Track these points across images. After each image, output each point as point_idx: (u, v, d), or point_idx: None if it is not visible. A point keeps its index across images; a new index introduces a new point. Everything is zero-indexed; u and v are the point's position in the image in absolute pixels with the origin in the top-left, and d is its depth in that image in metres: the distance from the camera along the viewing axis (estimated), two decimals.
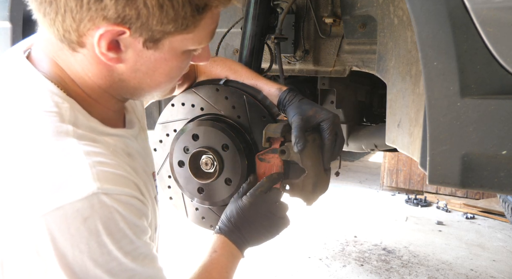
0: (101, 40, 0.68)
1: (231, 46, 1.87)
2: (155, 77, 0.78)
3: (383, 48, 1.39)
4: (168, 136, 1.33)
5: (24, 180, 0.63)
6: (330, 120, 1.08)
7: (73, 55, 0.73)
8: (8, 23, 1.77)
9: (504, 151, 0.84)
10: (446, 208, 4.42)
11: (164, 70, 0.77)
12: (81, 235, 0.62)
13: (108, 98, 0.80)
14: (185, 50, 0.77)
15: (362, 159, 6.76)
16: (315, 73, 1.74)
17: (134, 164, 0.80)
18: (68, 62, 0.74)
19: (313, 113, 1.10)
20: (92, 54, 0.72)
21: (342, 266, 3.15)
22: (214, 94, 1.25)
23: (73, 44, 0.71)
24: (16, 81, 0.74)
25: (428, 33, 0.86)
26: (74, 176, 0.63)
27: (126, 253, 0.67)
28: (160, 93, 0.85)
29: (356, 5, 1.52)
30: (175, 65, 0.78)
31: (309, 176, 1.11)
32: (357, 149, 2.06)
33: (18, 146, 0.66)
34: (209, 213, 1.33)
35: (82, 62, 0.74)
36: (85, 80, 0.76)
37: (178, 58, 0.77)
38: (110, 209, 0.64)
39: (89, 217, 0.62)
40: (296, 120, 1.08)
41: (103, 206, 0.63)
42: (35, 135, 0.66)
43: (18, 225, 0.62)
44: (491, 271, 3.10)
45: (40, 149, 0.65)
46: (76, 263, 0.62)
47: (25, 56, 0.78)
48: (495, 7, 0.81)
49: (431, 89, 0.88)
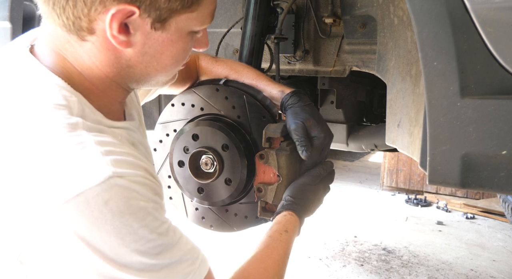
0: (113, 22, 0.70)
1: (231, 46, 1.86)
2: (162, 60, 0.80)
3: (383, 48, 1.39)
4: (168, 136, 1.33)
5: (41, 172, 0.64)
6: (320, 140, 1.12)
7: (81, 45, 0.75)
8: (8, 23, 1.77)
9: (504, 151, 0.84)
10: (446, 208, 4.42)
11: (171, 52, 0.79)
12: (105, 217, 0.63)
13: (115, 88, 0.82)
14: (190, 31, 0.80)
15: (362, 159, 6.76)
16: (315, 73, 1.74)
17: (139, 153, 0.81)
18: (75, 54, 0.76)
19: (310, 125, 1.12)
20: (101, 41, 0.73)
21: (342, 266, 3.15)
22: (214, 94, 1.25)
23: (82, 32, 0.72)
24: (21, 75, 0.75)
25: (428, 33, 0.86)
26: (89, 163, 0.65)
27: (151, 231, 0.68)
28: (164, 79, 0.87)
29: (356, 5, 1.52)
30: (181, 47, 0.80)
31: (283, 184, 1.13)
32: (357, 149, 2.06)
33: (31, 139, 0.66)
34: (209, 213, 1.33)
35: (90, 51, 0.75)
36: (93, 70, 0.77)
37: (183, 39, 0.80)
38: (128, 189, 0.66)
39: (110, 199, 0.63)
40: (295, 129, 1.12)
41: (120, 187, 0.65)
42: (47, 128, 0.67)
43: (39, 216, 0.63)
44: (491, 271, 3.10)
45: (53, 141, 0.66)
46: (105, 245, 0.64)
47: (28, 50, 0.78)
48: (495, 7, 0.81)
49: (431, 89, 0.88)
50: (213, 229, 1.34)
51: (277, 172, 1.13)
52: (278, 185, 1.14)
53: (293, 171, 1.16)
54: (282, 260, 0.95)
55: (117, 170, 0.65)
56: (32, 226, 0.63)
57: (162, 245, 0.69)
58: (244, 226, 1.29)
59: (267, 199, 1.15)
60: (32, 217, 0.63)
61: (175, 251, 0.72)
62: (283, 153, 1.11)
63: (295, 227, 1.03)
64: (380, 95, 2.14)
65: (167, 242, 0.71)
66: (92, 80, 0.78)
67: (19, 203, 0.64)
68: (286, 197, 1.09)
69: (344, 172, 5.95)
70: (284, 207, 1.07)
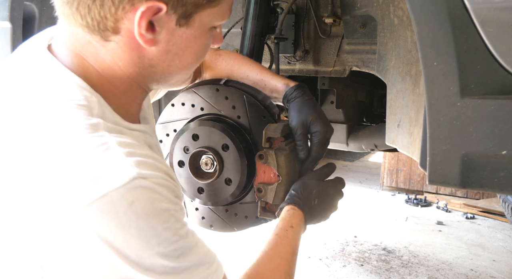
0: (142, 20, 0.69)
1: (231, 46, 1.86)
2: (184, 58, 0.80)
3: (383, 48, 1.39)
4: (168, 136, 1.33)
5: (63, 174, 0.63)
6: (322, 134, 1.12)
7: (103, 46, 0.74)
8: (8, 23, 1.77)
9: (504, 151, 0.84)
10: (446, 208, 4.42)
11: (193, 49, 0.80)
12: (130, 219, 0.62)
13: (135, 89, 0.81)
14: (211, 27, 0.80)
15: (362, 159, 6.76)
16: (315, 73, 1.74)
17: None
18: (96, 55, 0.75)
19: (312, 120, 1.12)
20: (126, 40, 0.73)
21: (342, 266, 3.15)
22: (214, 94, 1.25)
23: (107, 32, 0.72)
24: (41, 74, 0.74)
25: (428, 33, 0.86)
26: (112, 165, 0.64)
27: (174, 233, 0.68)
28: (183, 77, 0.87)
29: (356, 5, 1.52)
30: (202, 43, 0.81)
31: (283, 183, 1.14)
32: (357, 149, 2.06)
33: (52, 140, 0.66)
34: (209, 213, 1.33)
35: (113, 51, 0.74)
36: (115, 70, 0.76)
37: (205, 35, 0.80)
38: (152, 191, 0.65)
39: (134, 201, 0.63)
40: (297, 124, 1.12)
41: (144, 189, 0.64)
42: (69, 128, 0.67)
43: (61, 219, 0.62)
44: (491, 271, 3.10)
45: (76, 142, 0.65)
46: (129, 248, 0.63)
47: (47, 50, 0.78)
48: (495, 7, 0.81)
49: (431, 89, 0.88)
50: (213, 229, 1.34)
51: (276, 172, 1.13)
52: (278, 185, 1.14)
53: (293, 171, 1.16)
54: (291, 257, 0.95)
55: (141, 171, 0.65)
56: (54, 229, 0.62)
57: (182, 247, 0.69)
58: (244, 226, 1.29)
59: (267, 199, 1.15)
60: (54, 220, 0.62)
61: (194, 254, 0.72)
62: (282, 153, 1.12)
63: (300, 221, 1.03)
64: (380, 95, 2.14)
65: (187, 244, 0.70)
66: (113, 81, 0.77)
67: (40, 206, 0.63)
68: (290, 192, 1.10)
69: (344, 172, 5.95)
70: (286, 201, 1.08)
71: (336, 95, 1.93)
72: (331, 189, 1.14)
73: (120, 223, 0.62)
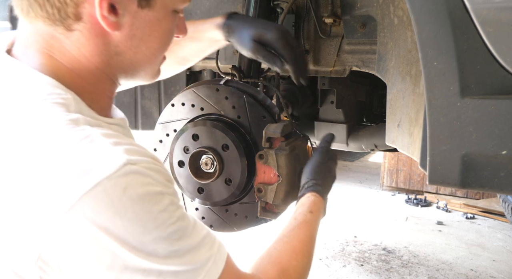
0: (103, 1, 0.70)
1: (231, 46, 1.86)
2: (150, 44, 0.80)
3: (383, 48, 1.39)
4: (168, 136, 1.33)
5: (53, 171, 0.62)
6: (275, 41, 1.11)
7: (68, 37, 0.73)
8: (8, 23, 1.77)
9: (504, 151, 0.84)
10: (446, 208, 4.42)
11: (158, 33, 0.80)
12: (125, 205, 0.62)
13: (105, 80, 0.81)
14: (173, 10, 0.81)
15: (362, 159, 6.76)
16: (315, 73, 1.73)
17: None
18: (62, 49, 0.74)
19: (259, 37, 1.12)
20: (89, 27, 0.73)
21: (342, 266, 3.15)
22: (214, 94, 1.25)
23: (69, 19, 0.71)
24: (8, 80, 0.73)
25: (428, 33, 0.86)
26: (100, 154, 0.64)
27: (170, 215, 0.68)
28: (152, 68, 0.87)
29: (356, 5, 1.52)
30: (167, 26, 0.81)
31: (283, 183, 1.14)
32: (357, 149, 2.06)
33: (36, 139, 0.65)
34: (209, 213, 1.33)
35: (78, 42, 0.74)
36: (82, 63, 0.76)
37: (169, 18, 0.81)
38: (143, 175, 0.66)
39: (127, 187, 0.63)
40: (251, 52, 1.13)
41: (136, 174, 0.64)
42: (50, 126, 0.66)
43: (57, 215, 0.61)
44: (491, 271, 3.10)
45: (59, 138, 0.65)
46: (128, 234, 0.63)
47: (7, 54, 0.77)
48: (495, 7, 0.81)
49: (431, 89, 0.87)
50: (213, 229, 1.34)
51: (276, 172, 1.13)
52: (278, 185, 1.14)
53: (293, 171, 1.16)
54: (309, 240, 0.94)
55: (130, 157, 0.65)
56: (50, 225, 0.62)
57: (181, 229, 0.69)
58: (244, 226, 1.29)
59: (267, 199, 1.15)
60: (49, 217, 0.61)
61: (194, 236, 0.71)
62: (282, 153, 1.12)
63: (319, 208, 1.04)
64: (380, 95, 2.14)
65: (185, 226, 0.70)
66: (82, 74, 0.76)
67: (33, 206, 0.62)
68: (307, 180, 1.10)
69: (344, 172, 5.95)
70: (306, 189, 1.08)
71: (336, 95, 1.93)
72: (334, 164, 1.17)
73: (116, 211, 0.62)
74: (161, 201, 0.67)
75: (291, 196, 1.18)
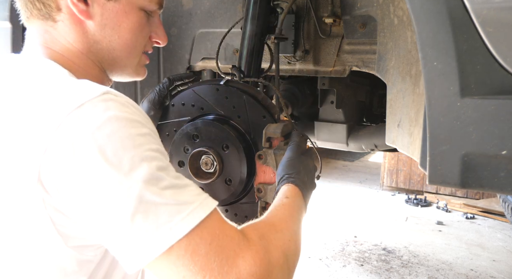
0: None
1: (231, 46, 1.86)
2: (122, 34, 0.90)
3: (383, 48, 1.39)
4: (168, 136, 1.33)
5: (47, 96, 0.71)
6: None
7: (55, 28, 0.86)
8: (8, 23, 1.77)
9: (504, 151, 0.84)
10: (446, 208, 4.42)
11: (128, 25, 0.90)
12: (105, 123, 0.67)
13: (92, 66, 0.91)
14: (141, 7, 0.91)
15: (362, 159, 6.76)
16: (315, 73, 1.73)
17: None
18: (54, 40, 0.87)
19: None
20: (68, 17, 0.85)
21: (342, 266, 3.15)
22: (214, 94, 1.25)
23: (53, 12, 0.85)
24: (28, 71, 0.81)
25: (428, 33, 0.85)
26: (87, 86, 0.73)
27: (149, 142, 0.70)
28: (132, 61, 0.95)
29: (356, 5, 1.52)
30: (135, 20, 0.91)
31: None
32: (357, 149, 2.06)
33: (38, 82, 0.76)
34: None
35: (63, 31, 0.86)
36: (70, 49, 0.87)
37: (136, 13, 0.91)
38: (123, 104, 0.71)
39: (107, 109, 0.68)
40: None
41: (116, 101, 0.70)
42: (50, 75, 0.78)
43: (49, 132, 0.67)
44: (491, 271, 3.10)
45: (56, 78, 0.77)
46: (107, 150, 0.65)
47: None
48: (495, 7, 0.81)
49: (431, 89, 0.87)
50: None
51: (276, 172, 1.13)
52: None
53: None
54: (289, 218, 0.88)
55: (112, 90, 0.73)
56: (44, 143, 0.67)
57: (163, 161, 0.70)
58: None
59: (267, 199, 1.15)
60: (43, 135, 0.67)
61: (178, 178, 0.71)
62: (281, 153, 1.12)
63: (296, 195, 0.97)
64: (380, 95, 2.14)
65: (167, 164, 0.71)
66: (72, 59, 0.88)
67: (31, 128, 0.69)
68: (280, 176, 1.04)
69: (344, 172, 5.95)
70: (280, 183, 1.02)
71: (336, 95, 1.93)
72: (311, 162, 1.11)
73: (97, 127, 0.66)
74: (140, 127, 0.70)
75: None
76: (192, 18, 1.91)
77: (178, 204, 0.67)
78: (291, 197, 0.95)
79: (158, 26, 0.99)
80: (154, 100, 1.32)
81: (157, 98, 1.33)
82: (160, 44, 1.00)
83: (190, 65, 1.97)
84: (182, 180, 0.72)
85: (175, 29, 1.96)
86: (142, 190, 0.65)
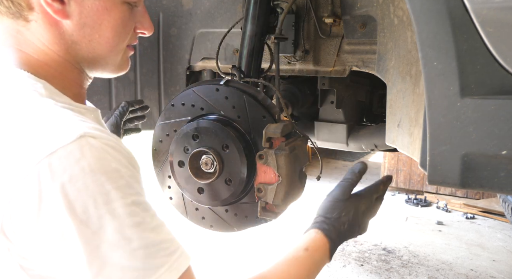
0: None
1: (231, 46, 1.86)
2: (103, 32, 0.81)
3: (383, 48, 1.39)
4: (168, 136, 1.33)
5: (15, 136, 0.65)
6: None
7: (28, 29, 0.77)
8: None
9: (504, 151, 0.84)
10: (446, 208, 4.42)
11: (109, 23, 0.80)
12: (77, 176, 0.62)
13: (71, 69, 0.83)
14: (123, 1, 0.81)
15: (362, 159, 6.76)
16: (315, 73, 1.73)
17: None
18: (27, 42, 0.78)
19: None
20: (42, 16, 0.76)
21: (342, 266, 3.15)
22: (214, 94, 1.25)
23: (24, 11, 0.75)
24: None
25: (428, 33, 0.85)
26: (62, 124, 0.66)
27: (125, 195, 0.65)
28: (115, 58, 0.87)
29: (356, 5, 1.52)
30: (118, 16, 0.81)
31: (283, 184, 1.14)
32: (357, 149, 2.06)
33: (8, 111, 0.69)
34: (209, 213, 1.33)
35: (36, 32, 0.77)
36: (46, 52, 0.79)
37: (118, 8, 0.81)
38: (100, 150, 0.65)
39: (81, 158, 0.63)
40: None
41: (92, 147, 0.64)
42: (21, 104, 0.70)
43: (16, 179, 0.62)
44: (491, 271, 3.10)
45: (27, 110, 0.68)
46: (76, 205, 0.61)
47: None
48: (495, 7, 0.81)
49: (431, 89, 0.87)
50: (213, 229, 1.34)
51: (276, 172, 1.13)
52: (278, 185, 1.14)
53: (293, 171, 1.16)
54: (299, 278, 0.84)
55: (90, 131, 0.66)
56: (10, 193, 0.62)
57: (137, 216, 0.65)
58: (244, 226, 1.29)
59: (267, 199, 1.15)
60: (10, 181, 0.62)
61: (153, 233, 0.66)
62: (282, 153, 1.12)
63: (319, 248, 0.91)
64: (380, 95, 2.14)
65: (143, 217, 0.66)
66: (49, 63, 0.79)
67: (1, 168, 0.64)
68: (316, 215, 0.97)
69: (344, 172, 5.93)
70: (312, 225, 0.95)
71: (336, 95, 1.93)
72: (363, 204, 0.99)
73: (69, 179, 0.61)
74: (116, 179, 0.64)
75: (291, 196, 1.18)
76: (192, 18, 1.91)
77: (145, 269, 0.63)
78: (311, 251, 0.89)
79: (143, 15, 0.89)
80: (116, 124, 1.38)
81: (118, 121, 1.38)
82: (146, 34, 0.91)
83: (190, 65, 1.97)
84: (158, 235, 0.67)
85: (175, 29, 1.96)
86: (109, 251, 0.62)
